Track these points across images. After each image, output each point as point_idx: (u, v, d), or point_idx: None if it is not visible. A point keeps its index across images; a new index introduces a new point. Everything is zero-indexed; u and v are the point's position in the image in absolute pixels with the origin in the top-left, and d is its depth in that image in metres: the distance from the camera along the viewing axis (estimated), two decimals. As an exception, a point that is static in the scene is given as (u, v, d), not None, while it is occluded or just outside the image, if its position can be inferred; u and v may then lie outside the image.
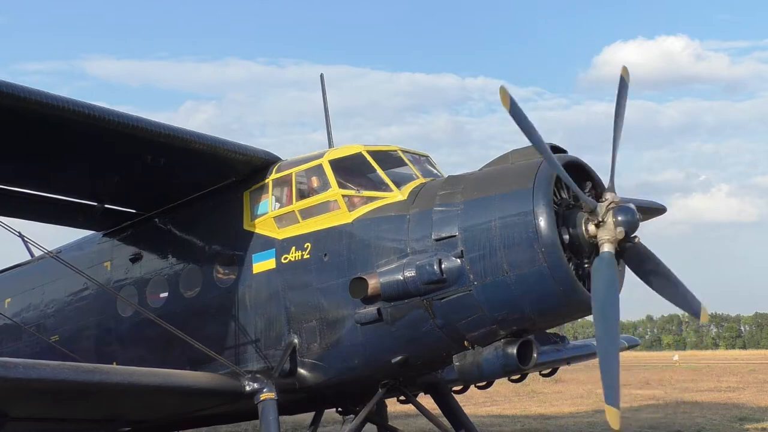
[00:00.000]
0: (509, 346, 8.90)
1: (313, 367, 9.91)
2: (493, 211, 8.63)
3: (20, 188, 11.19)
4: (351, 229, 9.65)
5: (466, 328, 8.96)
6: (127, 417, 10.55)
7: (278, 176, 10.55)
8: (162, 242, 11.73)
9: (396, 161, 10.29)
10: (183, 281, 11.27)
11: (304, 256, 9.92)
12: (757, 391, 30.17)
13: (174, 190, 11.32)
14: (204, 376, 10.05)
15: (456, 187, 9.17)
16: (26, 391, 8.64)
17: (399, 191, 9.63)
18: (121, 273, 12.04)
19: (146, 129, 9.78)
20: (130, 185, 11.31)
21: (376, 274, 9.10)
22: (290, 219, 10.21)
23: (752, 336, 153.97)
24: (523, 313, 8.64)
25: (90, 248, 12.74)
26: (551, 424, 20.18)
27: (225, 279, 10.82)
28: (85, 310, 12.45)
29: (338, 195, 9.84)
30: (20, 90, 8.73)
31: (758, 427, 18.64)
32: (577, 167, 8.86)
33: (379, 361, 9.61)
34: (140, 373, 9.47)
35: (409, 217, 9.29)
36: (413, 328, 9.18)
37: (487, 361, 9.00)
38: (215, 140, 10.42)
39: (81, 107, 9.21)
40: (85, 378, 8.86)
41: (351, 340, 9.58)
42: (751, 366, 51.11)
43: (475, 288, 8.66)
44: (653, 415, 21.59)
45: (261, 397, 9.74)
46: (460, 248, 8.74)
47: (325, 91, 13.36)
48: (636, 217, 8.41)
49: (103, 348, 11.98)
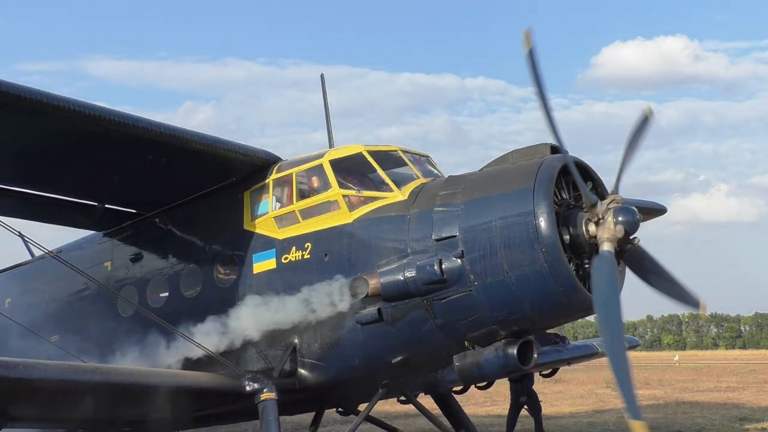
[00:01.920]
0: (509, 347, 8.90)
1: (313, 367, 9.91)
2: (494, 211, 8.64)
3: (20, 188, 11.19)
4: (351, 229, 9.65)
5: (466, 329, 8.96)
6: (127, 417, 10.55)
7: (279, 176, 10.56)
8: (162, 242, 11.73)
9: (396, 161, 10.30)
10: (183, 281, 11.28)
11: (304, 256, 9.93)
12: (757, 391, 30.18)
13: (174, 190, 11.31)
14: (204, 376, 10.05)
15: (456, 188, 9.17)
16: (26, 391, 8.64)
17: (399, 191, 9.63)
18: (122, 273, 12.04)
19: (146, 129, 9.78)
20: (131, 185, 11.30)
21: (377, 274, 9.10)
22: (291, 219, 10.21)
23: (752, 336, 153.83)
24: (524, 313, 8.64)
25: (90, 248, 12.74)
26: (551, 424, 20.16)
27: (225, 279, 10.82)
28: (86, 310, 12.45)
29: (339, 195, 9.84)
30: (20, 90, 8.73)
31: (758, 427, 18.64)
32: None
33: (379, 361, 9.61)
34: (140, 373, 9.49)
35: (409, 218, 9.29)
36: (413, 329, 9.18)
37: (488, 361, 9.00)
38: (215, 140, 10.42)
39: (81, 107, 9.22)
40: (85, 378, 8.87)
41: (351, 340, 9.58)
42: (751, 366, 51.11)
43: (476, 288, 8.67)
44: (653, 415, 21.58)
45: (261, 397, 9.76)
46: (461, 248, 8.75)
47: (325, 91, 13.35)
48: (636, 218, 8.43)
49: (104, 348, 11.97)
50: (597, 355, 15.97)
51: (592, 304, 8.57)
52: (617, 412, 22.72)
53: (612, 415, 21.58)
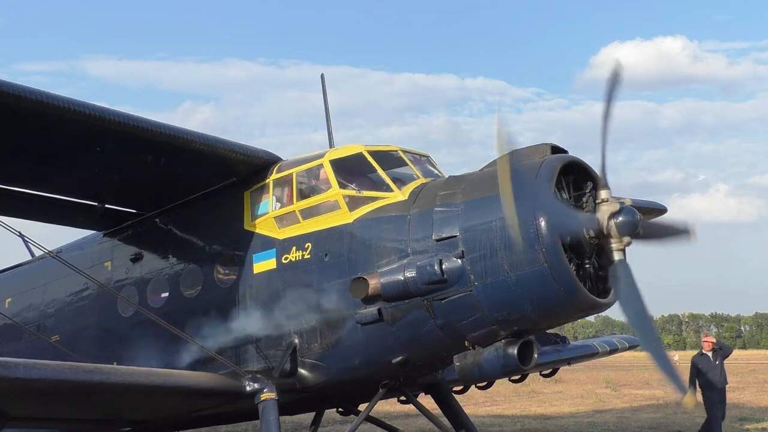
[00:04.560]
0: (510, 347, 8.90)
1: (313, 367, 9.91)
2: (494, 211, 8.62)
3: (20, 188, 11.17)
4: (352, 229, 9.64)
5: (466, 329, 8.96)
6: (128, 417, 10.54)
7: (279, 176, 10.55)
8: (163, 242, 11.72)
9: (397, 161, 10.30)
10: (184, 281, 11.27)
11: (304, 256, 9.92)
12: (757, 391, 30.19)
13: (174, 190, 11.30)
14: (204, 376, 10.04)
15: (457, 188, 9.17)
16: (27, 391, 8.64)
17: (400, 191, 9.63)
18: (122, 273, 12.03)
19: (147, 129, 9.77)
20: (131, 185, 11.28)
21: (377, 274, 9.10)
22: (291, 219, 10.20)
23: (752, 336, 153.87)
24: (524, 313, 8.63)
25: (90, 248, 12.73)
26: (551, 424, 20.18)
27: (226, 279, 10.82)
28: (86, 310, 12.44)
29: (339, 195, 9.84)
30: (21, 90, 8.72)
31: (758, 427, 18.64)
32: (577, 168, 8.87)
33: (379, 362, 9.61)
34: (140, 373, 9.47)
35: (409, 218, 9.28)
36: (414, 329, 9.18)
37: (488, 361, 9.00)
38: (216, 140, 10.41)
39: (81, 107, 9.21)
40: (85, 378, 8.85)
41: (351, 341, 9.57)
42: (751, 366, 51.10)
43: (476, 288, 8.66)
44: (653, 415, 21.60)
45: (261, 397, 9.74)
46: (461, 248, 8.74)
47: (325, 92, 13.32)
48: (637, 218, 8.46)
49: (104, 348, 11.97)
50: (597, 355, 16.00)
51: (592, 305, 8.61)
52: (617, 412, 22.77)
53: (612, 415, 21.60)
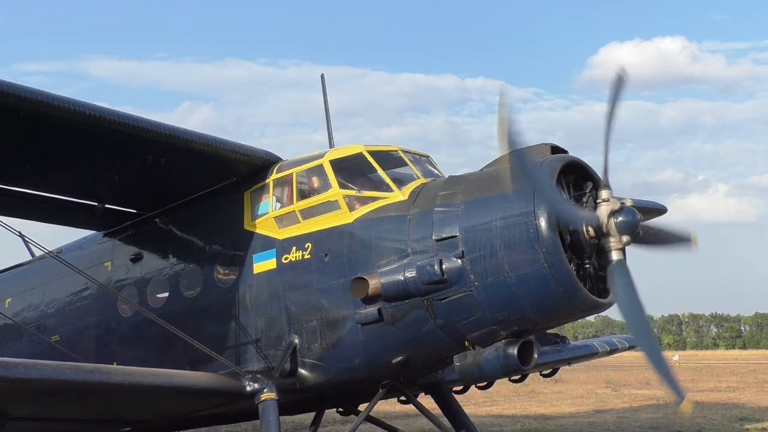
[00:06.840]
0: (510, 347, 8.90)
1: (313, 367, 9.90)
2: (494, 211, 8.63)
3: (20, 188, 11.17)
4: (352, 229, 9.64)
5: (466, 329, 8.96)
6: (128, 417, 10.55)
7: (279, 176, 10.55)
8: (163, 242, 11.72)
9: (397, 161, 10.30)
10: (183, 281, 11.27)
11: (304, 257, 9.92)
12: (757, 391, 30.18)
13: (174, 190, 11.30)
14: (204, 377, 10.04)
15: (457, 188, 9.17)
16: (26, 391, 8.64)
17: (400, 191, 9.63)
18: (122, 273, 12.04)
19: (146, 129, 9.78)
20: (131, 185, 11.29)
21: (377, 274, 9.10)
22: (291, 219, 10.20)
23: (752, 336, 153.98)
24: (524, 313, 8.64)
25: (90, 248, 12.73)
26: (551, 424, 20.17)
27: (225, 279, 10.82)
28: (86, 310, 12.44)
29: (339, 195, 9.84)
30: (21, 90, 8.73)
31: (758, 427, 18.62)
32: (577, 168, 8.87)
33: (379, 362, 9.60)
34: (141, 373, 9.46)
35: (409, 218, 9.28)
36: (414, 329, 9.18)
37: (488, 361, 9.00)
38: (216, 140, 10.42)
39: (81, 107, 9.21)
40: (85, 378, 8.85)
41: (352, 341, 9.57)
42: (751, 366, 51.13)
43: (476, 288, 8.66)
44: (653, 415, 21.58)
45: (261, 397, 9.75)
46: (461, 248, 8.74)
47: (325, 92, 13.32)
48: (637, 218, 8.46)
49: (104, 348, 11.97)
50: (597, 355, 15.98)
51: (592, 305, 8.61)
52: (617, 412, 22.76)
53: (612, 415, 21.59)
